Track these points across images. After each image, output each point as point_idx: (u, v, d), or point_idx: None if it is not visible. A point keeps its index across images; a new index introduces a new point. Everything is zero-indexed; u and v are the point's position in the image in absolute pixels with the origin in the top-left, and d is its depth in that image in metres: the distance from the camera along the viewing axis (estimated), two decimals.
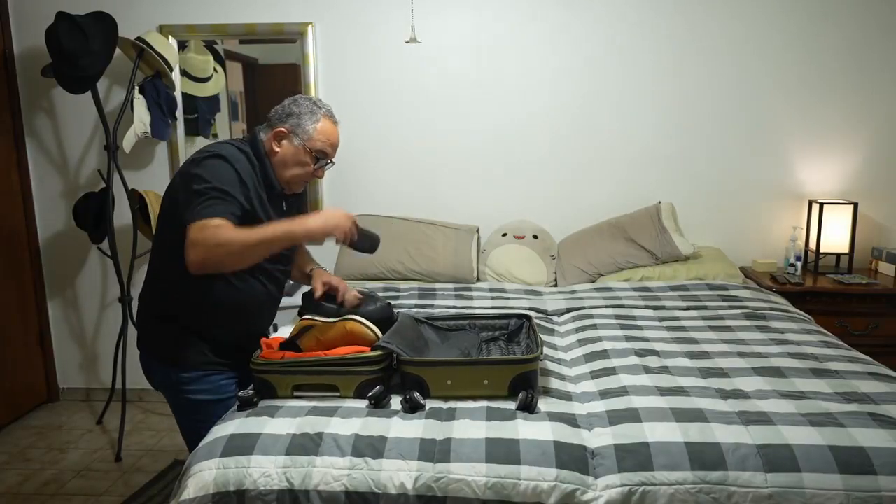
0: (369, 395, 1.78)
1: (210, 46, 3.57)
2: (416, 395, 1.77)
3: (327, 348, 1.90)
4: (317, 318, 1.94)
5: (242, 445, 1.63)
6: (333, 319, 1.92)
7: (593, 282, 3.21)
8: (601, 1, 3.38)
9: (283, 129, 1.96)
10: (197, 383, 1.99)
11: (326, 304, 2.02)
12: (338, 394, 1.83)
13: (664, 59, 3.41)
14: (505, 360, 1.87)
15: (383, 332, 1.94)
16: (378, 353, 1.83)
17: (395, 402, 1.81)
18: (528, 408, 1.73)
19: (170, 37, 3.49)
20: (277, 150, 1.96)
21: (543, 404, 1.78)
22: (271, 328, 2.25)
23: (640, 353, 2.16)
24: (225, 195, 1.80)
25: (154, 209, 3.37)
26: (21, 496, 2.90)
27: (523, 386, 1.79)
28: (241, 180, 1.85)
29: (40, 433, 3.51)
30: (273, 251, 1.87)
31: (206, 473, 1.58)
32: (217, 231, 1.73)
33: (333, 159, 2.06)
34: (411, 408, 1.74)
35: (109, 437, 3.43)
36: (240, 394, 1.82)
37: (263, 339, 1.94)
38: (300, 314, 2.09)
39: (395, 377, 1.89)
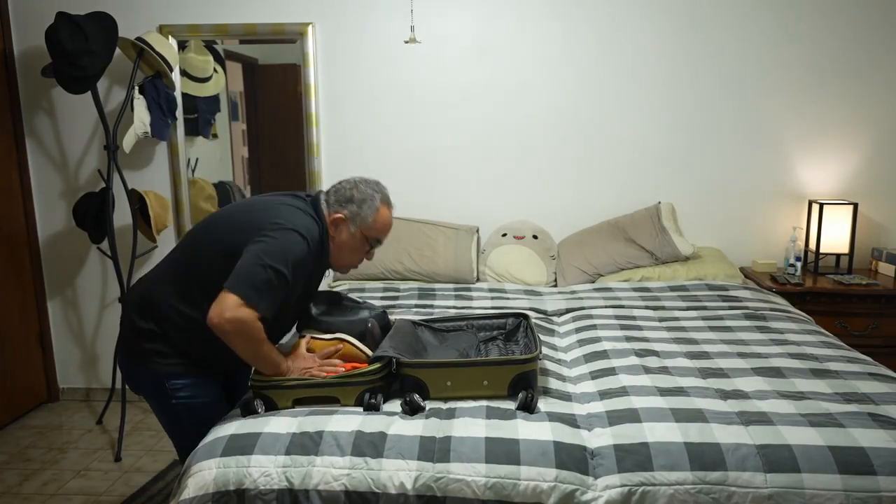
0: (363, 405, 1.78)
1: (210, 46, 3.57)
2: (416, 397, 1.77)
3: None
4: (315, 335, 1.95)
5: (243, 445, 1.63)
6: (329, 336, 1.93)
7: (593, 282, 3.21)
8: (600, 1, 3.38)
9: (341, 215, 1.95)
10: (189, 389, 1.98)
11: (324, 318, 2.01)
12: (339, 404, 1.82)
13: (665, 59, 3.41)
14: (504, 361, 1.87)
15: (382, 338, 1.95)
16: (376, 365, 1.82)
17: (392, 404, 1.80)
18: (528, 408, 1.73)
19: (170, 37, 3.49)
20: (334, 235, 1.97)
21: (543, 404, 1.78)
22: None
23: (640, 354, 2.16)
24: (284, 284, 1.80)
25: (154, 209, 3.36)
26: (21, 496, 2.90)
27: (523, 386, 1.79)
28: (305, 264, 1.87)
29: (40, 433, 3.51)
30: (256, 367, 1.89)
31: (206, 473, 1.59)
32: (253, 331, 1.77)
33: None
34: (412, 410, 1.74)
35: (109, 437, 3.43)
36: (254, 404, 1.80)
37: None
38: (299, 329, 2.08)
39: (395, 383, 1.88)
